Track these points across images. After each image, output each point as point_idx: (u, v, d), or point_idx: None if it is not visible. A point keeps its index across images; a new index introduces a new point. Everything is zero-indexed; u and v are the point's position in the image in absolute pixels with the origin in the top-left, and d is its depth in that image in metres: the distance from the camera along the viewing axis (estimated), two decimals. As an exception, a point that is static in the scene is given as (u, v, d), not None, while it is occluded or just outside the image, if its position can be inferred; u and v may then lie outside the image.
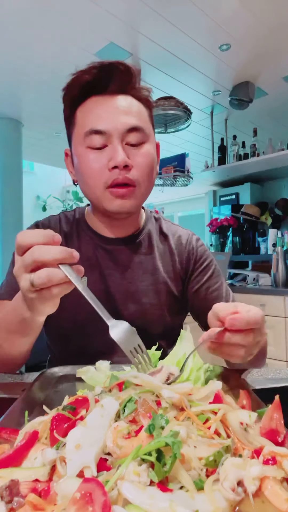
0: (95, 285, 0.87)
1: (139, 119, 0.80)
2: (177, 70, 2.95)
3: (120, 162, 0.75)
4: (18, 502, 0.29)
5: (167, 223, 0.99)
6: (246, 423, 0.37)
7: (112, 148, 0.77)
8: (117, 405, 0.38)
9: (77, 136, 0.81)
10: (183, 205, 7.88)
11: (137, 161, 0.79)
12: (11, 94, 3.28)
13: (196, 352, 0.59)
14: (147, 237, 0.93)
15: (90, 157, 0.78)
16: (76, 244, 0.90)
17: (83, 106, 0.81)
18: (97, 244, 0.90)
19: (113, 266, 0.89)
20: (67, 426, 0.36)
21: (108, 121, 0.77)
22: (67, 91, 0.82)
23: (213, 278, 0.94)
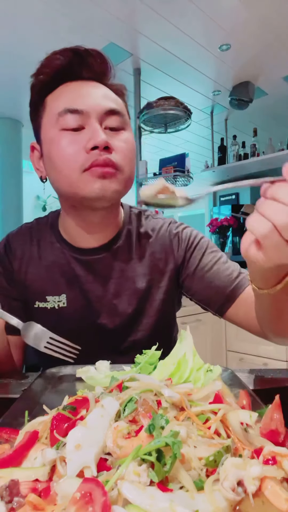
0: (75, 302, 0.80)
1: (118, 105, 0.74)
2: (177, 70, 2.95)
3: (100, 142, 0.67)
4: (18, 502, 0.29)
5: (147, 218, 0.88)
6: (247, 423, 0.37)
7: (90, 129, 0.69)
8: (117, 405, 0.38)
9: (48, 120, 0.72)
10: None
11: (118, 145, 0.71)
12: (11, 94, 3.28)
13: (196, 352, 0.58)
14: (126, 241, 0.83)
15: (65, 140, 0.69)
16: (50, 258, 0.82)
17: (54, 92, 0.74)
18: (73, 256, 0.81)
19: (93, 280, 0.81)
20: (67, 426, 0.36)
21: (86, 100, 0.70)
22: (37, 75, 0.75)
23: (207, 254, 0.83)
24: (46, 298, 0.81)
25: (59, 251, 0.82)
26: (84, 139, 0.69)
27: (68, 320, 0.81)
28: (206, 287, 0.81)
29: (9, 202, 3.86)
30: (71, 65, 0.72)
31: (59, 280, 0.81)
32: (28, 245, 0.85)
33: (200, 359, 0.58)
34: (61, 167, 0.70)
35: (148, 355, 0.60)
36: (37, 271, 0.82)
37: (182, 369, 0.56)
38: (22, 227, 0.90)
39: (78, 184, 0.69)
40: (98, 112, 0.70)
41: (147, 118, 2.93)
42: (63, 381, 0.62)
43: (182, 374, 0.55)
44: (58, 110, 0.70)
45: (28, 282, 0.82)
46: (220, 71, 2.99)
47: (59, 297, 0.81)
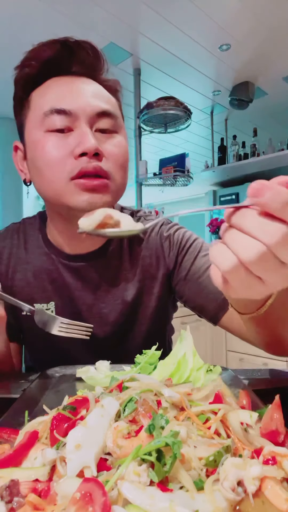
0: (64, 309, 0.76)
1: (110, 105, 0.67)
2: (177, 70, 2.95)
3: (90, 148, 0.60)
4: (18, 502, 0.29)
5: (138, 220, 0.82)
6: (247, 423, 0.37)
7: (79, 132, 0.62)
8: (117, 405, 0.38)
9: (33, 119, 0.66)
10: (183, 205, 7.88)
11: (110, 150, 0.65)
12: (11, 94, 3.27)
13: (196, 352, 0.58)
14: (116, 246, 0.78)
15: (50, 142, 0.62)
16: (38, 263, 0.78)
17: (40, 88, 0.67)
18: (61, 262, 0.76)
19: (82, 287, 0.76)
20: (67, 426, 0.36)
21: (75, 100, 0.63)
22: (22, 68, 0.68)
23: (199, 257, 0.77)
24: (34, 305, 0.76)
25: (47, 256, 0.77)
26: (72, 143, 0.62)
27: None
28: (198, 294, 0.76)
29: (9, 202, 3.86)
30: (59, 58, 0.66)
31: (47, 287, 0.77)
32: (15, 247, 0.80)
33: (200, 359, 0.58)
34: (46, 173, 0.64)
35: (148, 355, 0.60)
36: (25, 277, 0.78)
37: (182, 369, 0.56)
38: (9, 227, 0.84)
39: (65, 194, 0.64)
40: (88, 114, 0.63)
41: (147, 118, 2.93)
42: (63, 381, 0.62)
43: (182, 374, 0.55)
44: (44, 109, 0.63)
45: (15, 288, 0.78)
46: (220, 71, 2.99)
47: (47, 304, 0.77)
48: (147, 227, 0.41)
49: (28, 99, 0.68)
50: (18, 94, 0.70)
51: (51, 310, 0.77)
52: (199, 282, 0.76)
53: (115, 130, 0.68)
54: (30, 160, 0.68)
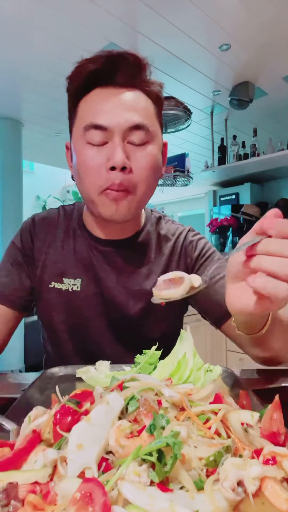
0: (89, 287, 0.84)
1: (145, 116, 0.73)
2: (177, 70, 2.95)
3: (118, 163, 0.69)
4: (14, 506, 0.28)
5: (167, 223, 0.94)
6: (247, 423, 0.37)
7: (112, 146, 0.71)
8: (122, 402, 0.37)
9: (77, 130, 0.75)
10: (183, 205, 7.88)
11: (138, 162, 0.73)
12: (11, 94, 3.28)
13: (196, 352, 0.59)
14: (145, 240, 0.88)
15: (88, 154, 0.72)
16: (71, 244, 0.87)
17: (86, 98, 0.74)
18: (92, 245, 0.86)
19: (108, 269, 0.85)
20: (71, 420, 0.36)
21: (110, 116, 0.70)
22: (71, 80, 0.76)
23: (215, 268, 0.86)
24: (63, 279, 0.85)
25: (81, 238, 0.87)
26: (105, 156, 0.71)
27: (79, 305, 0.85)
28: (208, 299, 0.84)
29: (9, 202, 3.86)
30: (103, 71, 0.72)
31: (77, 265, 0.86)
32: (53, 229, 0.89)
33: (200, 359, 0.58)
34: (85, 181, 0.74)
35: (148, 355, 0.60)
36: (57, 254, 0.86)
37: (182, 369, 0.56)
38: (49, 211, 0.93)
39: (96, 203, 0.74)
40: (122, 129, 0.70)
41: (147, 118, 2.93)
42: (63, 381, 0.62)
43: (182, 374, 0.55)
44: (85, 123, 0.72)
45: (48, 262, 0.86)
46: (220, 71, 2.99)
47: (74, 280, 0.85)
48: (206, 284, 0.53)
49: (77, 108, 0.76)
50: (69, 103, 0.78)
51: (77, 286, 0.85)
52: (211, 289, 0.83)
53: (147, 141, 0.74)
54: (74, 164, 0.78)
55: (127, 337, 0.85)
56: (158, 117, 0.79)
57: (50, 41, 2.50)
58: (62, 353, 0.89)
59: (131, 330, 0.85)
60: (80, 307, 0.84)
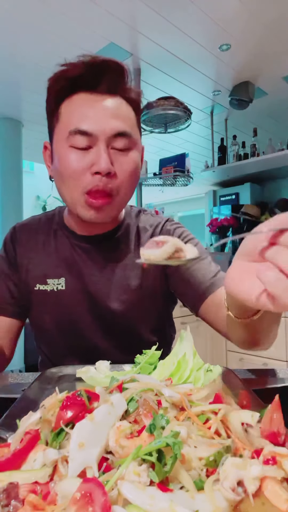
0: (73, 284, 0.86)
1: (128, 124, 0.76)
2: (177, 70, 2.95)
3: (103, 169, 0.71)
4: (15, 506, 0.28)
5: (146, 215, 0.94)
6: (248, 423, 0.37)
7: (96, 151, 0.73)
8: (125, 405, 0.37)
9: (60, 133, 0.76)
10: (183, 205, 7.88)
11: (121, 168, 0.75)
12: (11, 94, 3.28)
13: (196, 352, 0.59)
14: (124, 233, 0.89)
15: (72, 157, 0.73)
16: (53, 244, 0.89)
17: (69, 101, 0.75)
18: (73, 243, 0.87)
19: (91, 265, 0.86)
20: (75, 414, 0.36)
21: (96, 123, 0.72)
22: (53, 82, 0.77)
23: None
24: (47, 281, 0.86)
25: (62, 237, 0.89)
26: (89, 161, 0.72)
27: (66, 303, 0.86)
28: (184, 284, 0.85)
29: (9, 202, 3.86)
30: (85, 77, 0.73)
31: (60, 264, 0.87)
32: (33, 234, 0.91)
33: (200, 359, 0.58)
34: (66, 182, 0.75)
35: (148, 355, 0.60)
36: (39, 257, 0.88)
37: (182, 369, 0.56)
38: (29, 219, 0.96)
39: (77, 204, 0.76)
40: (107, 135, 0.72)
41: (147, 118, 2.93)
42: (63, 381, 0.62)
43: (182, 374, 0.55)
44: (70, 128, 0.73)
45: (31, 266, 0.88)
46: (220, 71, 2.99)
47: (59, 280, 0.86)
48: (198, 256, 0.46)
49: (58, 111, 0.77)
50: (50, 104, 0.79)
51: (62, 285, 0.86)
52: (187, 273, 0.84)
53: (130, 147, 0.76)
54: (54, 166, 0.79)
55: (117, 330, 0.87)
56: (138, 124, 0.82)
57: (51, 41, 2.50)
58: (55, 352, 0.90)
59: (119, 323, 0.87)
60: (67, 305, 0.86)
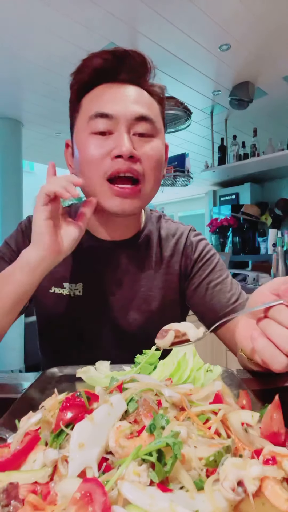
0: (91, 291, 0.82)
1: (150, 110, 0.73)
2: (177, 70, 2.95)
3: (124, 152, 0.67)
4: (15, 506, 0.28)
5: (167, 222, 0.92)
6: (248, 423, 0.37)
7: (117, 135, 0.69)
8: (124, 405, 0.37)
9: (80, 122, 0.73)
10: (183, 205, 7.88)
11: (145, 153, 0.71)
12: (11, 94, 3.28)
13: (196, 352, 0.58)
14: (146, 239, 0.86)
15: (92, 143, 0.70)
16: None
17: (90, 93, 0.73)
18: (93, 246, 0.83)
19: (110, 271, 0.83)
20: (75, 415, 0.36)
21: (116, 105, 0.69)
22: (76, 75, 0.74)
23: (215, 272, 0.85)
24: (63, 284, 0.82)
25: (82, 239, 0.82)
26: (110, 145, 0.69)
27: (82, 310, 0.83)
28: (204, 303, 0.84)
29: (9, 202, 3.86)
30: (108, 67, 0.71)
31: (77, 268, 0.83)
32: None
33: (200, 359, 0.58)
34: (86, 170, 0.71)
35: (148, 355, 0.60)
36: None
37: (182, 369, 0.56)
38: None
39: (100, 195, 0.71)
40: (128, 118, 0.69)
41: (147, 118, 2.93)
42: (63, 381, 0.62)
43: (182, 374, 0.55)
44: (90, 113, 0.70)
45: None
46: (220, 71, 2.99)
47: (76, 285, 0.82)
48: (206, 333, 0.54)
49: (80, 104, 0.75)
50: (72, 98, 0.77)
51: (79, 291, 0.82)
52: (208, 294, 0.83)
53: (153, 134, 0.73)
54: (75, 158, 0.75)
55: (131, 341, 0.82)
56: (162, 116, 0.78)
57: (50, 41, 2.50)
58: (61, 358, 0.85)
59: (135, 333, 0.84)
60: (83, 311, 0.82)
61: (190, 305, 0.89)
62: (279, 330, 0.41)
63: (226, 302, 0.81)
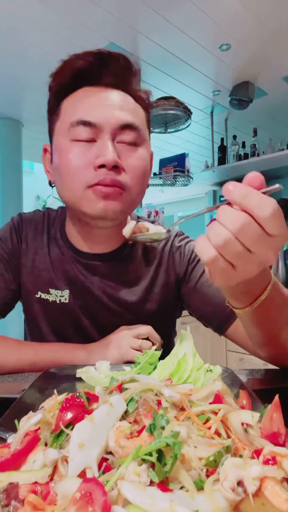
0: (76, 300, 0.80)
1: (136, 117, 0.69)
2: (177, 70, 2.95)
3: (109, 161, 0.63)
4: (15, 506, 0.28)
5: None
6: (248, 423, 0.37)
7: (101, 143, 0.65)
8: (124, 406, 0.37)
9: (60, 128, 0.69)
10: (183, 205, 7.88)
11: (129, 163, 0.68)
12: (11, 94, 3.28)
13: (196, 352, 0.58)
14: (130, 251, 0.83)
15: (74, 151, 0.66)
16: (57, 253, 0.82)
17: (71, 97, 0.69)
18: (75, 259, 0.80)
19: (94, 282, 0.80)
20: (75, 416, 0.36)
21: (100, 112, 0.65)
22: (56, 76, 0.70)
23: None
24: (49, 290, 0.80)
25: (62, 249, 0.82)
26: (93, 154, 0.65)
27: (68, 317, 0.81)
28: (207, 303, 0.81)
29: (9, 202, 3.86)
30: (91, 69, 0.67)
31: (63, 276, 0.81)
32: (39, 234, 0.83)
33: (200, 359, 0.58)
34: (67, 180, 0.68)
35: (148, 355, 0.60)
36: (44, 261, 0.81)
37: (182, 369, 0.56)
38: (35, 212, 0.87)
39: (82, 201, 0.67)
40: (112, 126, 0.66)
41: (147, 118, 2.93)
42: (63, 381, 0.62)
43: (182, 374, 0.55)
44: (72, 119, 0.66)
45: (35, 270, 0.81)
46: (220, 71, 2.99)
47: (62, 292, 0.81)
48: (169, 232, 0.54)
49: (59, 107, 0.71)
50: (51, 100, 0.73)
51: (65, 298, 0.80)
52: (208, 292, 0.80)
53: (138, 143, 0.70)
54: (54, 165, 0.72)
55: None
56: (147, 124, 0.75)
57: (50, 41, 2.50)
58: None
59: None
60: (68, 319, 0.81)
61: (193, 311, 0.86)
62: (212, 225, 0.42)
63: None
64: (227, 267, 0.42)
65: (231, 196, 0.40)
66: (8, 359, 0.72)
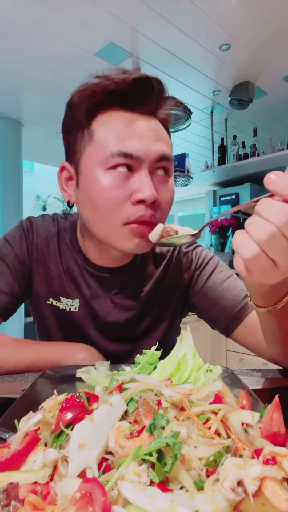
0: (86, 309, 0.81)
1: (169, 148, 0.69)
2: (177, 70, 2.95)
3: (149, 197, 0.63)
4: (15, 506, 0.28)
5: None
6: (248, 423, 0.37)
7: (139, 178, 0.64)
8: (124, 406, 0.37)
9: (95, 154, 0.66)
10: (183, 205, 7.88)
11: (163, 197, 0.68)
12: (11, 94, 3.28)
13: (196, 352, 0.58)
14: (141, 262, 0.83)
15: (111, 184, 0.64)
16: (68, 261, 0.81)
17: (104, 118, 0.67)
18: (87, 270, 0.80)
19: (104, 293, 0.81)
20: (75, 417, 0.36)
21: (139, 143, 0.64)
22: (88, 96, 0.67)
23: (216, 273, 0.82)
24: (60, 298, 0.81)
25: (73, 259, 0.81)
26: (131, 188, 0.64)
27: (78, 326, 0.82)
28: (213, 306, 0.81)
29: (9, 202, 3.86)
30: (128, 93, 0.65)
31: (73, 285, 0.81)
32: (50, 241, 0.82)
33: (200, 359, 0.58)
34: (103, 214, 0.66)
35: (148, 355, 0.60)
36: (57, 269, 0.81)
37: (182, 369, 0.56)
38: (45, 217, 0.86)
39: (116, 236, 0.67)
40: (151, 159, 0.65)
41: (147, 118, 2.93)
42: (63, 381, 0.62)
43: (182, 374, 0.55)
44: (112, 149, 0.64)
45: (47, 277, 0.81)
46: (220, 71, 2.99)
47: (73, 301, 0.81)
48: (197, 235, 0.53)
49: (90, 128, 0.67)
50: (77, 118, 0.69)
51: (75, 307, 0.81)
52: (214, 294, 0.80)
53: (169, 174, 0.70)
54: (83, 191, 0.69)
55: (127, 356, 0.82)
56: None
57: (50, 41, 2.50)
58: None
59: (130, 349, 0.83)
60: (78, 327, 0.81)
61: (200, 314, 0.86)
62: (253, 220, 0.39)
63: (236, 298, 0.79)
64: (268, 264, 0.39)
65: (274, 186, 0.37)
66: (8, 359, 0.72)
